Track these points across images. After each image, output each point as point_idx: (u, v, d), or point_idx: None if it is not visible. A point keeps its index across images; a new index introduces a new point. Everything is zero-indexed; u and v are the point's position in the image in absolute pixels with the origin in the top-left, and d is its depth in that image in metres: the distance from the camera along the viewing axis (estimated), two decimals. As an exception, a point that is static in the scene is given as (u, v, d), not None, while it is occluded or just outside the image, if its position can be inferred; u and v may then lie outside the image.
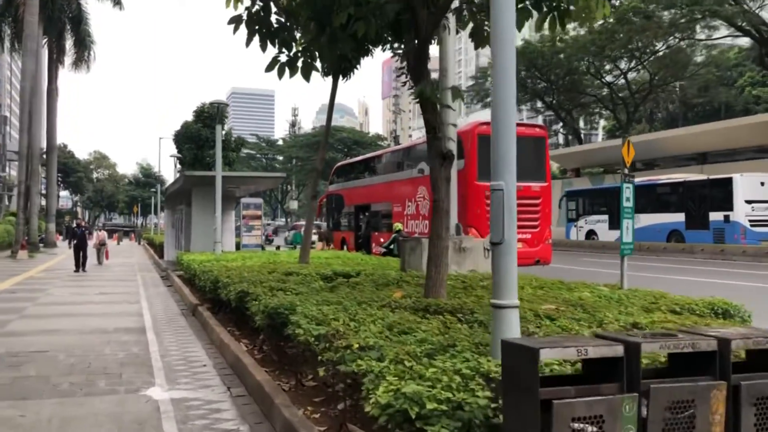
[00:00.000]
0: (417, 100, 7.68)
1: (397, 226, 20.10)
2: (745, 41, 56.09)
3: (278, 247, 29.06)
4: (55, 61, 41.83)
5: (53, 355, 8.47)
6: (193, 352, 8.76)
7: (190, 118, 40.85)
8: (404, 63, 11.72)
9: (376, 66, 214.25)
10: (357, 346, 4.77)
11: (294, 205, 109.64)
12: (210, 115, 37.04)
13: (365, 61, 13.76)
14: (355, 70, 13.76)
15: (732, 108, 54.62)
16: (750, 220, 29.88)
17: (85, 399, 6.36)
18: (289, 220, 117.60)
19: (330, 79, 13.82)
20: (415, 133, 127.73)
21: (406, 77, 14.01)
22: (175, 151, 42.20)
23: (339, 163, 33.33)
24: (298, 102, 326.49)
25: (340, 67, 13.49)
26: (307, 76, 8.68)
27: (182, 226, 24.95)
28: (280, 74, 8.41)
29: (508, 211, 4.27)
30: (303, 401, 5.71)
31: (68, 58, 43.45)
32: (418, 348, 4.50)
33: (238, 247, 26.70)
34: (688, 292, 8.94)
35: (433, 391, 3.57)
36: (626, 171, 9.12)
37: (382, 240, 24.51)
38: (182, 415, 5.83)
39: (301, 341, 5.46)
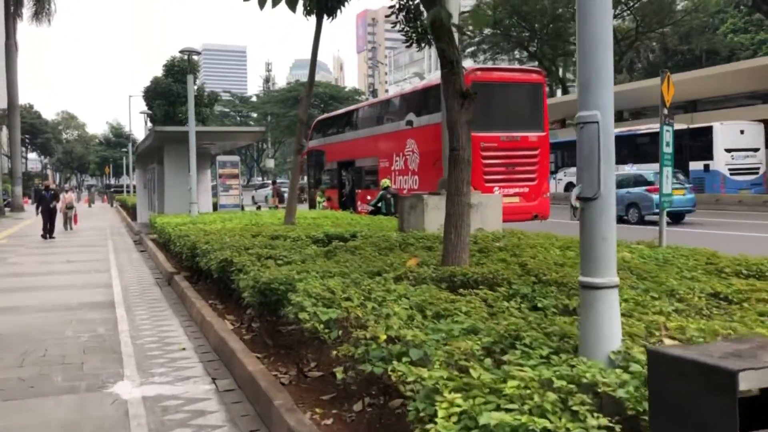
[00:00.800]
0: (410, 43, 6.38)
1: (385, 182, 18.86)
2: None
3: (259, 207, 27.69)
4: (12, 14, 39.35)
5: (2, 339, 7.21)
6: (170, 331, 7.55)
7: (160, 74, 38.93)
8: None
9: (350, 19, 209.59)
10: (384, 337, 3.59)
11: (270, 163, 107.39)
12: (181, 69, 35.14)
13: (341, 13, 12.33)
14: (342, 8, 12.40)
15: (714, 56, 53.53)
16: (730, 169, 29.48)
17: (35, 402, 5.14)
18: (265, 179, 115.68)
19: (312, 20, 12.41)
20: (391, 87, 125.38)
21: (397, 16, 12.48)
22: (145, 109, 40.29)
23: (319, 117, 31.78)
24: (272, 58, 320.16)
25: (326, 3, 12.11)
26: (292, 5, 7.33)
27: (155, 186, 23.45)
28: (262, 4, 7.08)
29: (606, 154, 3.02)
30: (308, 400, 4.55)
31: (27, 11, 40.99)
32: (473, 343, 3.33)
33: (215, 207, 25.35)
34: (717, 247, 7.87)
35: (523, 419, 2.41)
36: (665, 112, 7.93)
37: (368, 198, 23.30)
38: (157, 421, 4.64)
39: (308, 328, 4.26)
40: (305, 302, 4.42)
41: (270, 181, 46.44)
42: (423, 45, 13.30)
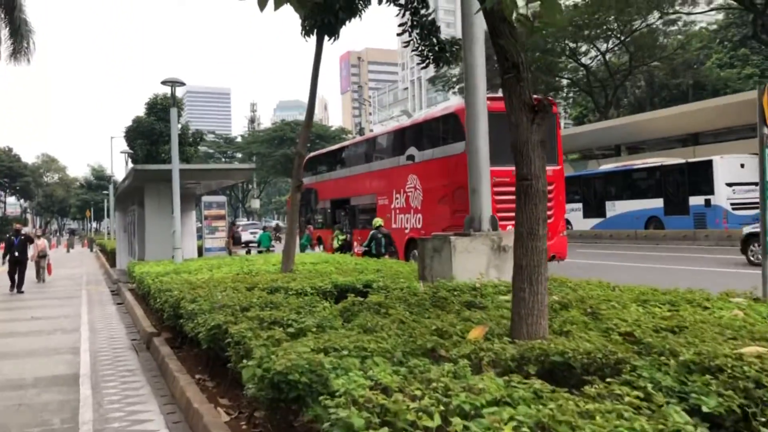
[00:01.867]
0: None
1: (377, 221, 17.24)
2: (715, 18, 54.71)
3: (248, 251, 25.91)
4: (-12, 52, 37.80)
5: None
6: (146, 421, 5.83)
7: (142, 113, 37.48)
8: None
9: (334, 61, 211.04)
10: None
11: (256, 204, 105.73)
12: (164, 107, 33.69)
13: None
14: (344, 26, 10.98)
15: (700, 91, 53.03)
16: (732, 204, 28.49)
17: None
18: (251, 219, 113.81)
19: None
20: (376, 127, 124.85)
21: (410, 35, 11.09)
22: (127, 149, 38.67)
23: (310, 155, 30.32)
24: (256, 99, 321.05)
25: (324, 22, 10.69)
26: (299, 6, 5.85)
27: (135, 230, 21.71)
28: (262, 5, 5.59)
29: None
30: None
31: (4, 50, 39.49)
32: None
33: (200, 251, 23.64)
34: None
35: None
36: (766, 131, 6.45)
37: (364, 238, 21.74)
38: None
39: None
40: (355, 420, 2.78)
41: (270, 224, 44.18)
42: (441, 65, 11.96)
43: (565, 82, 52.04)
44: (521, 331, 4.57)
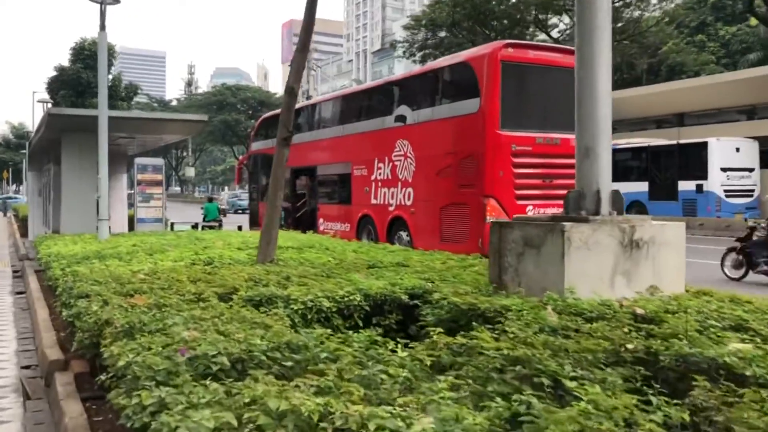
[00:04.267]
0: None
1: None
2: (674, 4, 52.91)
3: (196, 225, 21.63)
4: None
5: None
6: None
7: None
8: None
9: (276, 30, 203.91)
10: None
11: (191, 172, 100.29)
12: (92, 54, 29.08)
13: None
14: None
15: (654, 76, 51.31)
16: (725, 190, 26.36)
17: None
18: (184, 189, 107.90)
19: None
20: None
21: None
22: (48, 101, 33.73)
23: (266, 115, 26.43)
24: (193, 63, 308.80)
25: None
26: None
27: (50, 194, 17.56)
28: None
29: None
30: None
31: None
32: None
33: (131, 223, 19.74)
34: None
35: None
36: None
37: (333, 214, 18.27)
38: None
39: None
40: None
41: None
42: None
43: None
44: None
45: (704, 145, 26.17)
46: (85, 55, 29.79)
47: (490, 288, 5.61)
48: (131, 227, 19.29)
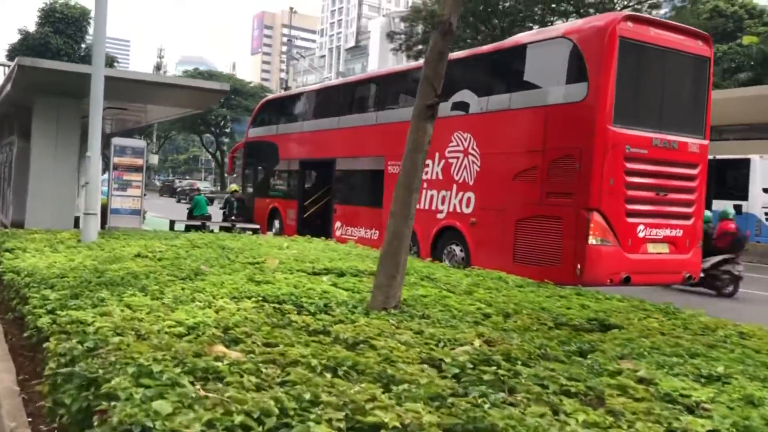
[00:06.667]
0: None
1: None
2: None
3: (202, 226, 17.35)
4: None
5: None
6: None
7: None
8: None
9: (246, 21, 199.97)
10: None
11: (154, 159, 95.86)
12: (64, 18, 25.53)
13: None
14: None
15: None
16: (766, 213, 24.10)
17: None
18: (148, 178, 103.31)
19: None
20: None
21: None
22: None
23: (270, 96, 23.24)
24: (162, 46, 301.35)
25: None
26: None
27: (11, 175, 14.06)
28: None
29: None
30: None
31: None
32: None
33: (104, 214, 16.36)
34: None
35: None
36: None
37: (356, 218, 15.28)
38: None
39: None
40: None
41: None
42: None
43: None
44: None
45: (746, 162, 23.84)
46: (56, 18, 26.11)
47: None
48: (104, 219, 15.97)
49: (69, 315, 3.80)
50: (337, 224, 15.79)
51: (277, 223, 18.38)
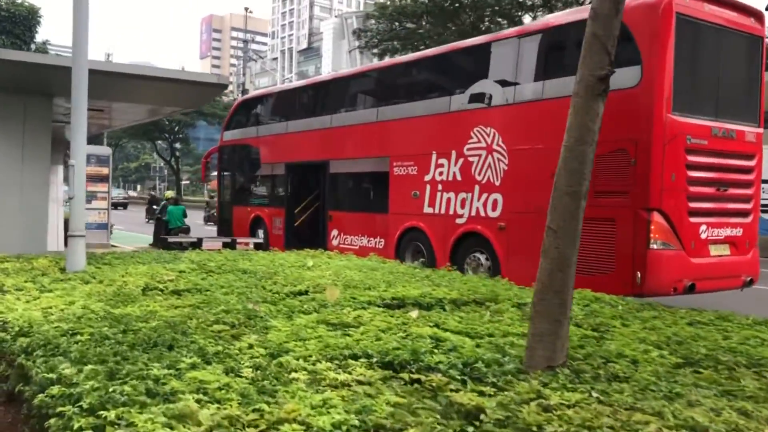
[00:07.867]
0: None
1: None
2: None
3: (189, 245, 14.81)
4: None
5: None
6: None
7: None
8: None
9: (194, 24, 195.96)
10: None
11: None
12: (11, 16, 23.40)
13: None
14: None
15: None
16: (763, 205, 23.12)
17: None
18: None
19: None
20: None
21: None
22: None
23: (249, 95, 21.55)
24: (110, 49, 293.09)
25: None
26: None
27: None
28: None
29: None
30: None
31: None
32: None
33: (66, 230, 14.57)
34: None
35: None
36: None
37: (356, 226, 13.84)
38: None
39: None
40: None
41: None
42: None
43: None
44: None
45: None
46: (2, 16, 23.92)
47: None
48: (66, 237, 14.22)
49: (123, 417, 2.34)
50: (334, 233, 14.36)
51: (261, 233, 16.81)
